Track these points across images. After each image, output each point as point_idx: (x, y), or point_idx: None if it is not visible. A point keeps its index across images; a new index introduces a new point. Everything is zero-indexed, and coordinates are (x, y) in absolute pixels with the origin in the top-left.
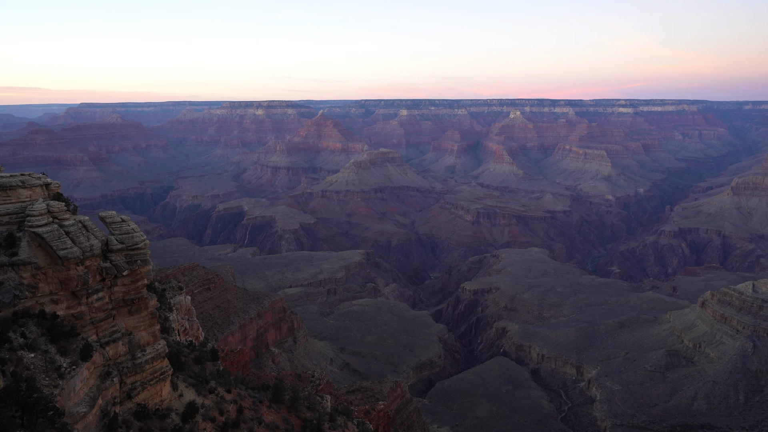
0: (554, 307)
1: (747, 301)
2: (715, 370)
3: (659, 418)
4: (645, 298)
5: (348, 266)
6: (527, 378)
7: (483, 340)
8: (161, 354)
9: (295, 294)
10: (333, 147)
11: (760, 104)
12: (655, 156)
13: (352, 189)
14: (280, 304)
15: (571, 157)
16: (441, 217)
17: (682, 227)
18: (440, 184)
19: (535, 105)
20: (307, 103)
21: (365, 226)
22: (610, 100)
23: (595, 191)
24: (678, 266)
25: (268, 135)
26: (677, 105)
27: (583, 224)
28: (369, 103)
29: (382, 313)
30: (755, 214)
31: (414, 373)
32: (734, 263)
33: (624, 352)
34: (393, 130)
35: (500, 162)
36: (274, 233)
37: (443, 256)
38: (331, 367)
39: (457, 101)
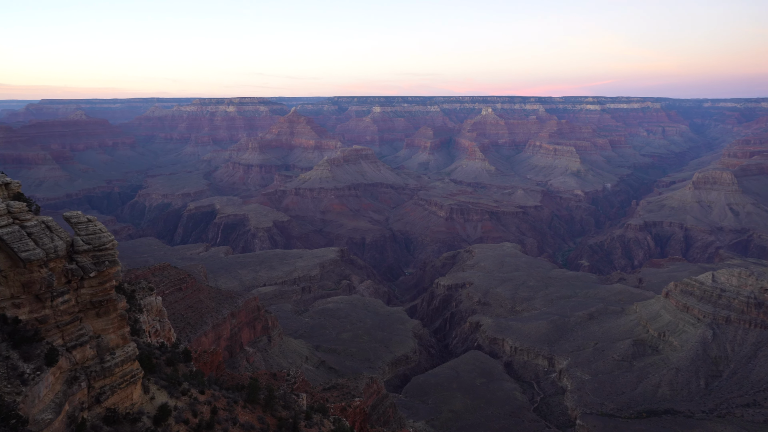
0: (526, 300)
1: (707, 290)
2: (678, 357)
3: (626, 405)
4: (613, 290)
5: (322, 264)
6: (501, 371)
7: (457, 335)
8: (131, 356)
9: (269, 293)
10: (306, 144)
11: (718, 102)
12: (621, 152)
13: (326, 186)
14: (254, 303)
15: (541, 153)
16: (415, 213)
17: (647, 221)
18: (414, 180)
19: (507, 102)
20: (280, 100)
21: (339, 223)
22: (579, 98)
23: (565, 186)
24: (644, 258)
25: (240, 132)
26: (642, 102)
27: (554, 219)
28: (342, 100)
29: (357, 310)
30: (714, 208)
31: (390, 368)
32: (695, 255)
33: (593, 343)
34: (366, 127)
35: (473, 158)
36: (247, 232)
37: (417, 252)
38: (307, 365)
39: (430, 98)
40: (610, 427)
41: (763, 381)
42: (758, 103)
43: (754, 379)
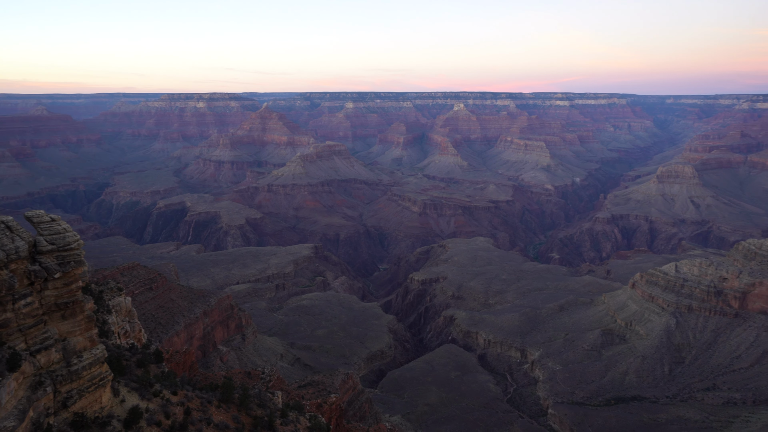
0: (499, 293)
1: (671, 280)
2: (644, 345)
3: (596, 393)
4: (582, 282)
5: (296, 260)
6: (475, 363)
7: (432, 329)
8: (100, 359)
9: (242, 290)
10: (278, 140)
11: (680, 98)
12: (589, 147)
13: (299, 182)
14: (227, 302)
15: (512, 149)
16: (388, 209)
17: (615, 214)
18: (387, 176)
19: (478, 98)
20: (251, 95)
21: (313, 219)
22: (548, 94)
23: (536, 181)
24: (611, 250)
25: (211, 128)
26: (609, 98)
27: (525, 213)
28: (314, 96)
29: (332, 307)
30: (677, 200)
31: (365, 364)
32: (660, 246)
33: (564, 334)
34: (339, 122)
35: (445, 154)
36: (219, 229)
37: (391, 247)
38: (282, 362)
39: (403, 94)
40: (580, 415)
41: (722, 366)
42: (717, 99)
43: (714, 364)
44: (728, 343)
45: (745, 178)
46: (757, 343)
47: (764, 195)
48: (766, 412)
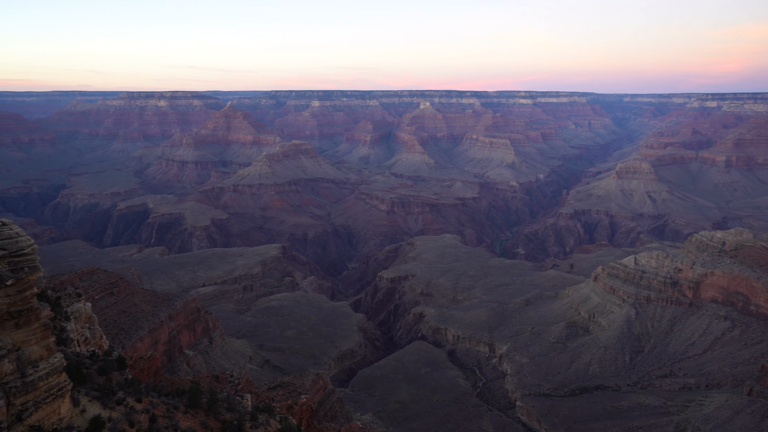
0: (467, 289)
1: (630, 273)
2: (606, 336)
3: (561, 384)
4: (547, 276)
5: (264, 261)
6: (444, 359)
7: (402, 326)
8: (58, 368)
9: (209, 293)
10: (244, 139)
11: (636, 97)
12: (552, 144)
13: (266, 182)
14: (193, 305)
15: (478, 146)
16: (356, 207)
17: (577, 209)
18: (355, 175)
19: (444, 96)
20: (214, 94)
21: (280, 219)
22: (512, 92)
23: (501, 178)
24: (574, 245)
25: (173, 128)
26: (570, 97)
27: (491, 210)
28: (280, 94)
29: (301, 307)
30: (635, 195)
31: (335, 364)
32: (620, 240)
33: (530, 328)
34: (305, 121)
35: (412, 152)
36: (183, 231)
37: (360, 246)
38: (251, 365)
39: (369, 92)
40: (547, 406)
41: (678, 353)
42: (670, 98)
43: (671, 351)
44: (683, 332)
45: (697, 173)
46: (709, 330)
47: (714, 189)
48: (717, 395)
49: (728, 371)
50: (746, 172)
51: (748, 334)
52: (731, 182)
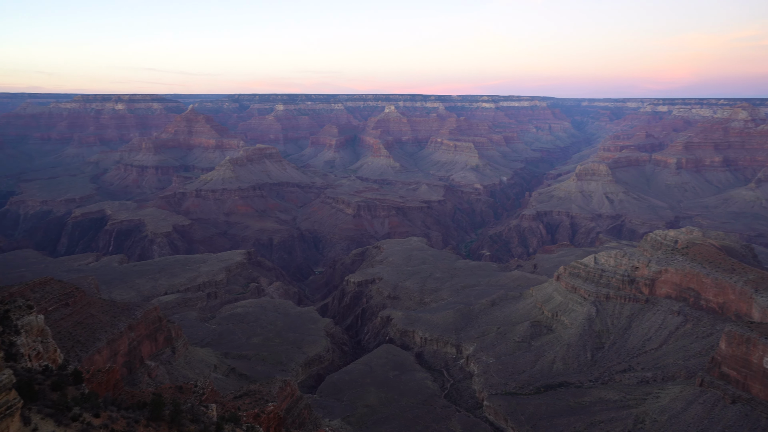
0: (434, 291)
1: (591, 272)
2: (568, 334)
3: (527, 382)
4: (511, 277)
5: (228, 267)
6: (412, 362)
7: (369, 330)
8: (6, 386)
9: (171, 301)
10: (206, 144)
11: (594, 101)
12: (514, 147)
13: (229, 187)
14: (154, 314)
15: (442, 150)
16: (322, 211)
17: (539, 211)
18: (320, 179)
19: (408, 100)
20: (175, 97)
21: (245, 224)
22: (475, 96)
23: (466, 181)
24: (537, 245)
25: (132, 132)
26: (531, 101)
27: (456, 212)
28: (243, 98)
29: (267, 313)
30: (594, 197)
31: (303, 370)
32: (580, 240)
33: (496, 328)
34: (270, 125)
35: (378, 155)
36: (143, 238)
37: (326, 250)
38: (216, 374)
39: (334, 96)
40: (513, 405)
41: (636, 348)
42: (624, 103)
43: (629, 347)
44: (641, 327)
45: (651, 175)
46: (664, 325)
47: (666, 190)
48: (672, 387)
49: (682, 364)
50: (695, 173)
51: (699, 328)
52: (682, 183)
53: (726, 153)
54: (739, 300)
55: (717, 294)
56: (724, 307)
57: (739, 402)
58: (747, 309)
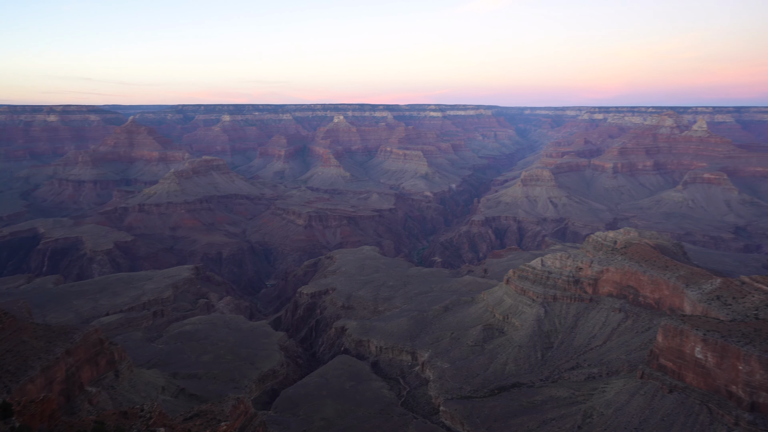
0: (388, 300)
1: (538, 274)
2: (519, 336)
3: (481, 385)
4: (463, 282)
5: (175, 284)
6: (368, 371)
7: (324, 342)
8: None
9: (114, 322)
10: (149, 156)
11: (536, 110)
12: (462, 155)
13: (175, 200)
14: (95, 336)
15: (392, 159)
16: (273, 223)
17: (488, 216)
18: (270, 190)
19: (357, 109)
20: (114, 108)
21: (192, 239)
22: (423, 105)
23: (416, 189)
24: (487, 250)
25: (66, 145)
26: (476, 110)
27: (408, 220)
28: (187, 108)
29: (218, 329)
30: (539, 201)
31: (257, 386)
32: (528, 243)
33: (450, 333)
34: (216, 136)
35: (328, 165)
36: (82, 256)
37: (278, 262)
38: (164, 396)
39: (282, 106)
40: (468, 408)
41: (582, 346)
42: (564, 111)
43: (576, 345)
44: (586, 325)
45: (590, 179)
46: (607, 322)
47: (605, 193)
48: (616, 381)
49: (624, 358)
50: (630, 177)
51: (638, 323)
52: (618, 186)
53: (656, 157)
54: (672, 295)
55: (653, 290)
56: (660, 302)
57: (676, 391)
58: (680, 303)
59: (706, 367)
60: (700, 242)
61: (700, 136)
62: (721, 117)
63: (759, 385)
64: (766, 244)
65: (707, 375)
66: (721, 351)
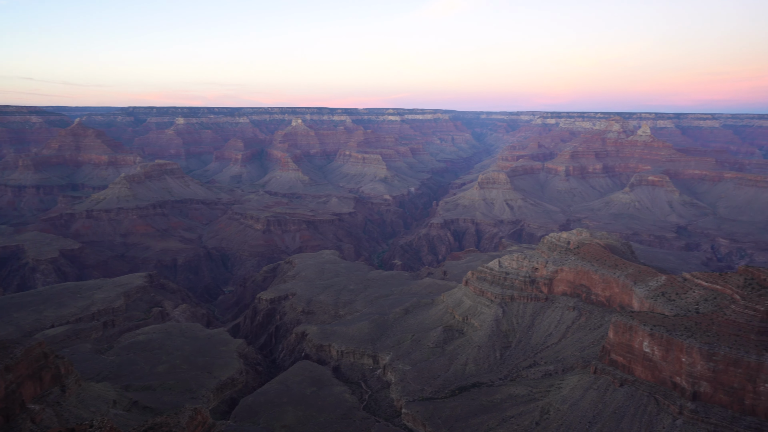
0: (348, 304)
1: (496, 275)
2: (478, 336)
3: (442, 386)
4: (423, 284)
5: (127, 292)
6: (329, 376)
7: (284, 348)
8: None
9: (60, 334)
10: (97, 160)
11: (491, 114)
12: (420, 158)
13: (126, 206)
14: (38, 350)
15: (351, 162)
16: (230, 228)
17: (446, 219)
18: (227, 194)
19: (315, 113)
20: (58, 109)
21: (145, 245)
22: (381, 109)
23: (375, 192)
24: (446, 253)
25: (5, 148)
26: (434, 114)
27: (367, 223)
28: (139, 111)
29: (173, 338)
30: (495, 204)
31: (215, 395)
32: (485, 245)
33: (411, 335)
34: (170, 139)
35: (286, 169)
36: (23, 266)
37: (236, 268)
38: (116, 409)
39: (238, 109)
40: (430, 410)
41: (539, 344)
42: (518, 115)
43: (533, 343)
44: (542, 324)
45: (544, 182)
46: (562, 320)
47: (558, 195)
48: (571, 377)
49: (578, 355)
50: (581, 179)
51: (591, 320)
52: (570, 189)
53: (605, 161)
54: (622, 293)
55: (604, 288)
56: (611, 299)
57: (626, 384)
58: (629, 300)
59: (653, 360)
60: (646, 241)
61: (644, 141)
62: (662, 123)
63: (700, 375)
64: (704, 242)
65: (654, 368)
66: (666, 344)
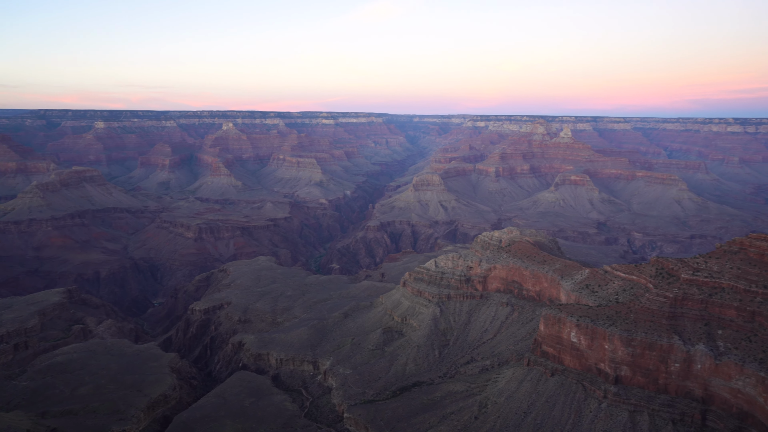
0: (286, 310)
1: (432, 275)
2: (417, 336)
3: (384, 388)
4: (362, 287)
5: (43, 311)
6: (269, 385)
7: (220, 359)
8: None
9: None
10: (4, 167)
11: (424, 117)
12: (355, 161)
13: (39, 217)
14: None
15: (285, 166)
16: (159, 237)
17: (383, 221)
18: (154, 202)
19: (247, 117)
20: None
21: (63, 258)
22: (315, 113)
23: (311, 196)
24: (383, 255)
25: None
26: (368, 117)
27: (304, 228)
28: (52, 114)
29: (98, 357)
30: (430, 205)
31: (145, 414)
32: (422, 246)
33: (351, 339)
34: (88, 144)
35: (218, 174)
36: None
37: (166, 279)
38: None
39: (165, 113)
40: (372, 412)
41: (476, 340)
42: (450, 119)
43: (470, 340)
44: (478, 321)
45: (476, 183)
46: (497, 316)
47: (489, 196)
48: (507, 370)
49: (512, 348)
50: (510, 180)
51: (523, 315)
52: (501, 189)
53: (531, 162)
54: (551, 287)
55: (534, 283)
56: (541, 294)
57: (557, 374)
58: (557, 294)
59: (579, 349)
60: (571, 237)
61: (566, 143)
62: (582, 125)
63: (621, 360)
64: (621, 236)
65: (581, 356)
66: (591, 334)
